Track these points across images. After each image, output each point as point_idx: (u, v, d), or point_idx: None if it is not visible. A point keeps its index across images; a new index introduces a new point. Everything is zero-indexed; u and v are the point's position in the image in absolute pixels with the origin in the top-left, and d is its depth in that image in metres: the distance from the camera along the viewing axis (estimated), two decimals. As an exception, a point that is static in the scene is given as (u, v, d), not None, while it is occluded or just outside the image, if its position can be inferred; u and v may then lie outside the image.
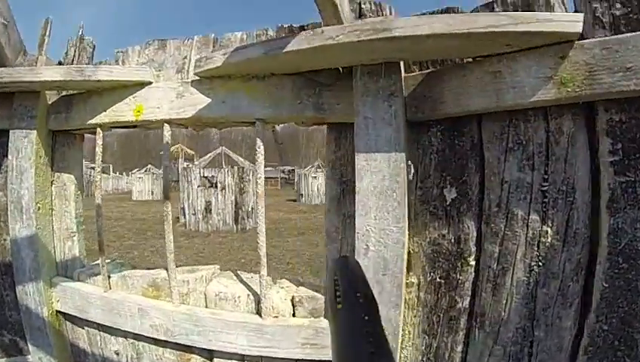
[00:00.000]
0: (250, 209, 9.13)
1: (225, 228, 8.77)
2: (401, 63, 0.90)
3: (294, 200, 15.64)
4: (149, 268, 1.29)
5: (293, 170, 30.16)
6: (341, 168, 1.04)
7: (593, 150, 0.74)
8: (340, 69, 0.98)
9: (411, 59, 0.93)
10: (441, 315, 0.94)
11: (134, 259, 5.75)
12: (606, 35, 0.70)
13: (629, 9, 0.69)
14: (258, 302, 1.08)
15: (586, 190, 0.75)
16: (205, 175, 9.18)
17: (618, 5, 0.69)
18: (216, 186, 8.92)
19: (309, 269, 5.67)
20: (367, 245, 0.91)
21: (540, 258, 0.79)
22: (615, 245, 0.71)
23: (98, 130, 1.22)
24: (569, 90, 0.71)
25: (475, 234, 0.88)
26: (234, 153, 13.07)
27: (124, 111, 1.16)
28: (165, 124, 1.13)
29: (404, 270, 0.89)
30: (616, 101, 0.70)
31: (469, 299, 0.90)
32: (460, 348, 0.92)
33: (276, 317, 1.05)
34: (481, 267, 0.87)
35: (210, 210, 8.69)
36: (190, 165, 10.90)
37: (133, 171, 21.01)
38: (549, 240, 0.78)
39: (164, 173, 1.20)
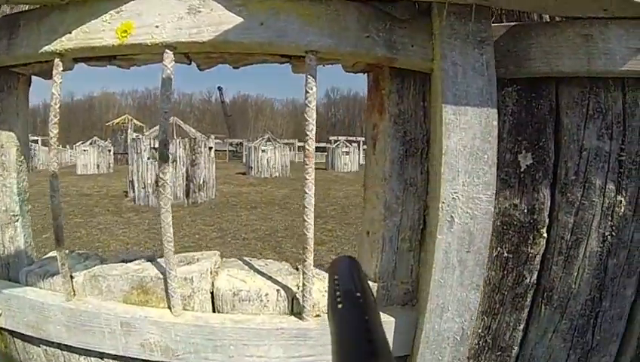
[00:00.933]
0: (201, 182, 8.81)
1: (176, 203, 8.19)
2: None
3: (243, 173, 15.45)
4: (124, 261, 0.85)
5: (241, 142, 29.82)
6: (405, 125, 0.86)
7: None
8: (416, 5, 0.81)
9: (505, 6, 0.82)
10: (506, 293, 0.87)
11: (82, 239, 5.21)
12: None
13: None
14: (292, 298, 0.81)
15: (657, 160, 0.77)
16: (155, 146, 8.52)
17: None
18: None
19: (267, 245, 5.41)
20: (451, 216, 0.76)
21: (614, 227, 0.80)
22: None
23: (57, 62, 0.76)
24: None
25: (549, 203, 0.83)
26: (185, 124, 11.77)
27: (100, 31, 0.76)
28: (167, 51, 0.75)
29: (488, 246, 0.78)
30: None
31: (536, 273, 0.85)
32: (521, 327, 0.87)
33: (318, 316, 0.80)
34: (554, 239, 0.83)
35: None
36: (140, 136, 9.87)
37: (77, 144, 19.14)
38: (622, 209, 0.79)
39: (161, 122, 0.79)
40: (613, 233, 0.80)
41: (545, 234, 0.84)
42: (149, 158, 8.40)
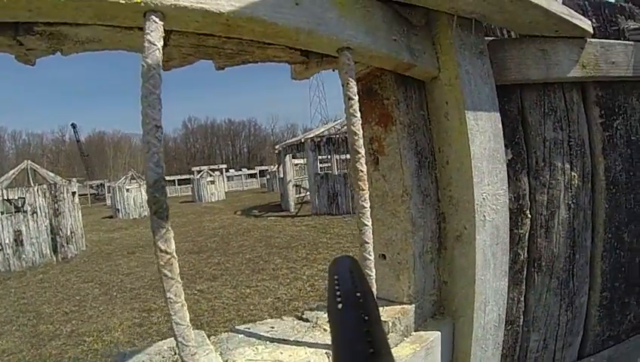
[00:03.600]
0: (69, 233, 7.91)
1: (43, 261, 7.42)
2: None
3: (111, 217, 14.64)
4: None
5: (102, 183, 27.96)
6: (415, 135, 0.86)
7: (587, 115, 1.03)
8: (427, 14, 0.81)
9: (497, 23, 0.91)
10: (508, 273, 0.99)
11: None
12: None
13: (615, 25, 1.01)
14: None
15: (587, 143, 1.03)
16: (9, 198, 7.65)
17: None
18: (24, 211, 7.55)
19: (158, 293, 4.87)
20: (484, 216, 0.81)
21: (572, 196, 1.01)
22: (608, 179, 1.02)
23: None
24: (587, 70, 0.95)
25: (527, 188, 0.99)
26: (41, 168, 9.77)
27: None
28: (153, 19, 0.47)
29: (509, 233, 0.87)
30: (600, 82, 1.01)
31: (526, 249, 1.00)
32: (522, 297, 1.01)
33: None
34: (534, 216, 1.00)
35: (22, 241, 7.31)
36: (-13, 188, 8.58)
37: None
38: (576, 182, 1.02)
39: (149, 143, 0.48)
40: (573, 200, 1.01)
41: (529, 215, 0.99)
42: (2, 213, 7.13)
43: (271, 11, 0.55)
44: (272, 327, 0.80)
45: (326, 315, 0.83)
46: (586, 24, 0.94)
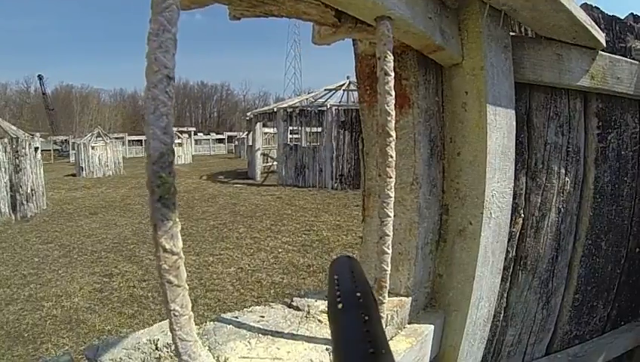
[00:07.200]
0: (30, 190, 7.57)
1: (1, 220, 6.96)
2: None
3: (74, 175, 14.19)
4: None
5: (66, 140, 27.04)
6: (430, 121, 0.83)
7: (586, 124, 1.06)
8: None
9: (521, 19, 0.88)
10: (498, 269, 1.01)
11: None
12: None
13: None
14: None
15: (583, 151, 1.06)
16: None
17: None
18: (-18, 165, 7.12)
19: (121, 256, 4.72)
20: (490, 213, 0.80)
21: (563, 201, 1.05)
22: (596, 188, 1.06)
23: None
24: (595, 82, 0.97)
25: (524, 188, 1.01)
26: (4, 120, 8.84)
27: None
28: None
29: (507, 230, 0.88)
30: (601, 94, 1.04)
31: (515, 247, 1.03)
32: (505, 294, 1.05)
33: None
34: (527, 216, 1.02)
35: (-22, 197, 6.86)
36: (-56, 138, 7.89)
37: None
38: (568, 187, 1.05)
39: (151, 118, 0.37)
40: (563, 205, 1.05)
41: (522, 214, 1.01)
42: None
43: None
44: (262, 316, 0.74)
45: (317, 303, 0.79)
46: (601, 36, 0.95)
